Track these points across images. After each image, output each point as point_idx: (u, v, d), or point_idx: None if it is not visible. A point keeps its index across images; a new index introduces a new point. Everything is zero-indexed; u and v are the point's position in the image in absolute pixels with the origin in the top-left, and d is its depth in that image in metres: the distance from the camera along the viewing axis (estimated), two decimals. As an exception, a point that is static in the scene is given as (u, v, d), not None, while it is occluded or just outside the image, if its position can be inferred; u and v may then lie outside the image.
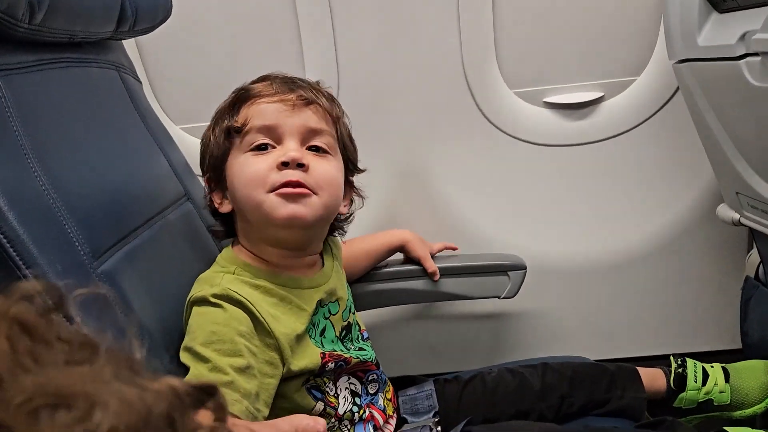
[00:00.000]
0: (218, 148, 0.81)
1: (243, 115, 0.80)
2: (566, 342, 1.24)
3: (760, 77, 0.80)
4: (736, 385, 1.01)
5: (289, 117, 0.79)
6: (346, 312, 0.87)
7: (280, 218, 0.76)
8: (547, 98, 1.20)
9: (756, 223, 0.99)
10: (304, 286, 0.81)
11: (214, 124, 0.83)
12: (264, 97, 0.80)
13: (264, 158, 0.77)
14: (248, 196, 0.77)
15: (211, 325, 0.72)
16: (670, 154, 1.19)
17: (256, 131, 0.78)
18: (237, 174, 0.78)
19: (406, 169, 1.22)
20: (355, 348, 0.86)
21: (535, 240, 1.23)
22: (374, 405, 0.86)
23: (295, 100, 0.79)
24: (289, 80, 0.83)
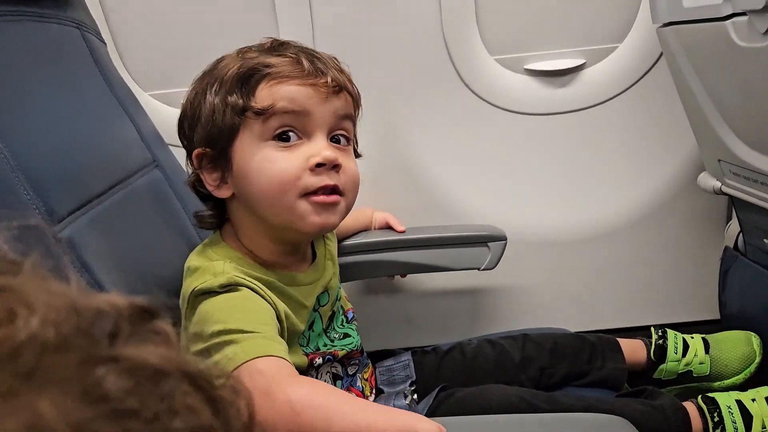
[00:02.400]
0: (224, 123, 0.70)
1: (265, 94, 0.69)
2: (547, 314, 1.23)
3: (746, 37, 0.78)
4: (715, 356, 1.01)
5: (321, 105, 0.70)
6: (335, 301, 0.83)
7: (310, 227, 0.71)
8: (528, 65, 1.18)
9: (737, 190, 0.98)
10: (302, 282, 0.76)
11: (211, 93, 0.71)
12: (293, 79, 0.69)
13: (293, 154, 0.69)
14: (275, 197, 0.69)
15: (230, 304, 0.66)
16: (652, 123, 1.18)
17: (282, 116, 0.69)
18: (258, 167, 0.69)
19: (384, 137, 1.19)
20: (339, 335, 0.83)
21: (514, 210, 1.21)
22: (353, 387, 0.84)
23: (328, 86, 0.70)
24: (315, 58, 0.72)
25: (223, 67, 0.72)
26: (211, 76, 0.73)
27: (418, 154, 1.20)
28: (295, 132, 0.69)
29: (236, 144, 0.70)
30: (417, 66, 1.16)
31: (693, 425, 0.85)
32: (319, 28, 1.14)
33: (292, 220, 0.70)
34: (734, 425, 0.85)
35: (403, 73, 1.17)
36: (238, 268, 0.70)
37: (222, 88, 0.70)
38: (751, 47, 0.77)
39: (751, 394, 0.88)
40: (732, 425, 0.85)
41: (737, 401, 0.87)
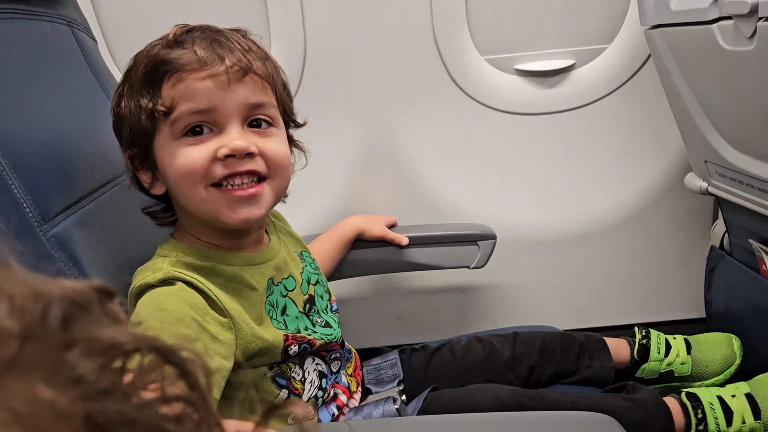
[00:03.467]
0: (140, 126, 0.68)
1: (167, 95, 0.67)
2: (535, 312, 1.24)
3: (732, 41, 0.79)
4: (697, 357, 1.02)
5: (225, 95, 0.67)
6: (304, 285, 0.82)
7: (230, 220, 0.70)
8: (518, 65, 1.18)
9: (723, 191, 0.99)
10: (254, 262, 0.75)
11: (127, 95, 0.70)
12: (190, 72, 0.66)
13: (202, 147, 0.67)
14: (186, 191, 0.69)
15: (159, 304, 0.65)
16: (640, 124, 1.19)
17: (187, 116, 0.67)
18: (170, 164, 0.68)
19: (375, 135, 1.20)
20: (322, 322, 0.82)
21: (504, 209, 1.22)
22: (338, 383, 0.84)
23: (228, 73, 0.67)
24: (214, 40, 0.69)
25: (134, 65, 0.70)
26: (126, 76, 0.71)
27: (409, 153, 1.21)
28: (206, 125, 0.68)
29: (155, 143, 0.69)
30: (408, 66, 1.17)
31: (675, 420, 0.86)
32: (311, 29, 1.14)
33: (210, 213, 0.69)
34: (716, 421, 0.86)
35: (395, 73, 1.17)
36: (180, 262, 0.70)
37: (133, 89, 0.69)
38: (737, 51, 0.78)
39: (731, 390, 0.89)
40: (714, 421, 0.86)
41: (718, 397, 0.88)
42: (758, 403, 0.87)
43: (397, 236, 1.06)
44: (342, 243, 1.06)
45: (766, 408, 0.86)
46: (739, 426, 0.86)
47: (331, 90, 1.18)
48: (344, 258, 1.07)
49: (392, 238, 1.06)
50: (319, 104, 1.18)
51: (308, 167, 1.21)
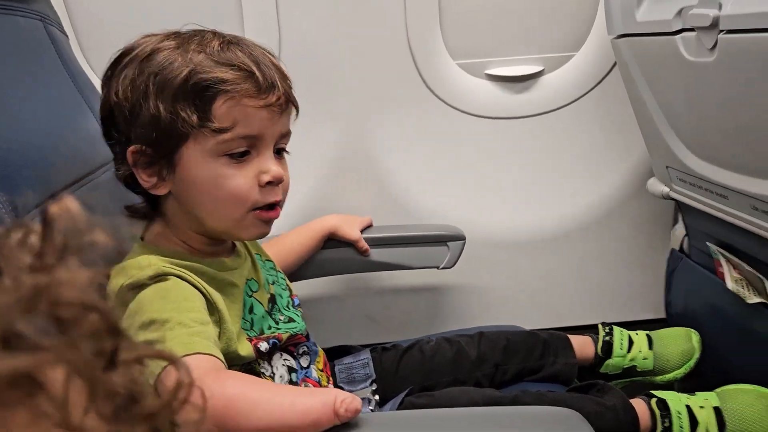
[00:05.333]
0: (172, 130, 0.68)
1: (223, 114, 0.68)
2: (502, 312, 1.27)
3: (694, 52, 0.82)
4: (658, 351, 1.05)
5: (272, 125, 0.71)
6: (266, 285, 0.84)
7: (249, 236, 0.75)
8: (489, 70, 1.21)
9: (683, 195, 1.03)
10: (230, 267, 0.78)
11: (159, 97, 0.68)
12: (249, 98, 0.69)
13: (244, 171, 0.70)
14: (226, 211, 0.71)
15: (160, 295, 0.66)
16: (605, 130, 1.23)
17: (238, 139, 0.69)
18: (212, 182, 0.70)
19: (347, 137, 1.21)
20: (285, 319, 0.84)
21: (474, 212, 1.24)
22: (309, 378, 0.85)
23: (280, 104, 0.71)
24: (264, 67, 0.71)
25: (166, 65, 0.69)
26: (150, 72, 0.69)
27: (381, 155, 1.22)
28: (249, 149, 0.71)
29: (183, 151, 0.69)
30: (382, 70, 1.19)
31: (642, 425, 0.88)
32: (286, 33, 1.14)
33: (234, 229, 0.73)
34: (681, 429, 0.88)
35: (369, 77, 1.19)
36: (164, 259, 0.71)
37: (168, 93, 0.68)
38: (699, 62, 0.82)
39: (700, 400, 0.91)
40: (679, 429, 0.88)
41: (687, 407, 0.91)
42: (724, 417, 0.89)
43: (365, 246, 1.06)
44: (314, 238, 1.06)
45: (731, 422, 0.89)
46: None
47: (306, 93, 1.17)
48: (316, 257, 1.07)
49: (361, 246, 1.06)
50: (293, 105, 1.18)
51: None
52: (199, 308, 0.67)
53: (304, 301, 0.96)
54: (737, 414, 0.90)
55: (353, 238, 1.06)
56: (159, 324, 0.63)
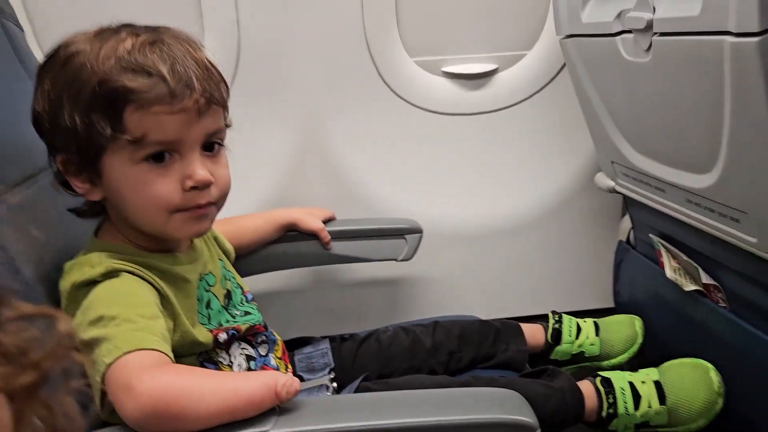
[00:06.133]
0: (89, 140, 0.67)
1: (134, 124, 0.66)
2: (458, 302, 1.30)
3: (632, 53, 0.87)
4: (604, 338, 1.10)
5: (191, 128, 0.68)
6: (223, 281, 0.85)
7: (182, 235, 0.74)
8: (445, 68, 1.24)
9: (628, 189, 1.08)
10: (183, 262, 0.78)
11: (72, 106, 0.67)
12: (162, 106, 0.66)
13: (167, 176, 0.69)
14: (148, 216, 0.71)
15: (110, 291, 0.67)
16: (556, 126, 1.27)
17: (153, 145, 0.67)
18: (133, 188, 0.69)
19: (305, 132, 1.23)
20: (241, 313, 0.85)
21: (430, 205, 1.27)
22: (268, 366, 0.87)
23: (198, 106, 0.68)
24: (180, 68, 0.68)
25: (77, 75, 0.67)
26: (63, 81, 0.68)
27: (339, 149, 1.25)
28: (168, 153, 0.69)
29: (105, 159, 0.69)
30: (340, 66, 1.21)
31: (590, 403, 0.93)
32: (245, 27, 1.16)
33: (164, 231, 0.72)
34: (625, 405, 0.94)
35: (327, 72, 1.21)
36: (115, 255, 0.71)
37: (81, 104, 0.67)
38: (636, 62, 0.86)
39: (642, 376, 0.97)
40: (623, 405, 0.94)
41: (630, 383, 0.96)
42: (664, 389, 0.95)
43: (327, 237, 1.07)
44: (272, 226, 1.06)
45: (670, 393, 0.94)
46: (645, 410, 0.94)
47: (264, 88, 1.20)
48: (276, 251, 1.09)
49: (323, 236, 1.07)
50: (252, 102, 1.20)
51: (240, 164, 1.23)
52: (149, 303, 0.68)
53: (263, 295, 0.98)
54: (675, 385, 0.95)
55: (316, 228, 1.06)
56: (107, 320, 0.63)
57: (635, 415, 0.94)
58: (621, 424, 0.95)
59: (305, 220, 1.07)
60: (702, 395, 0.94)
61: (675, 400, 0.94)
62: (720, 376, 0.94)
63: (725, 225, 0.82)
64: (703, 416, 0.94)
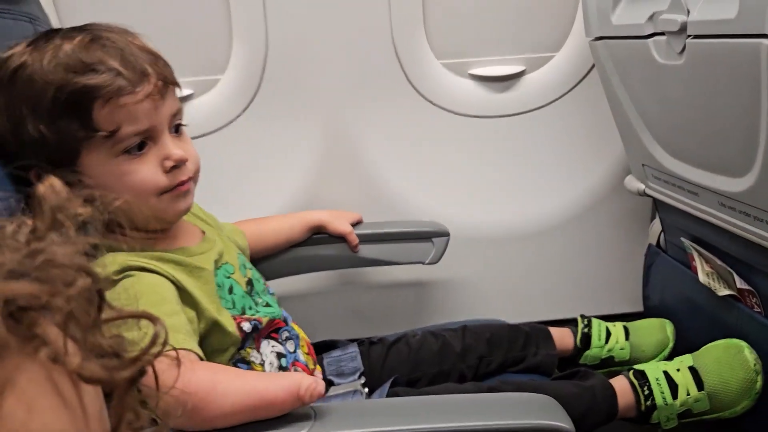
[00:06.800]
0: (61, 146, 0.68)
1: (105, 118, 0.68)
2: (485, 306, 1.30)
3: (665, 55, 0.86)
4: (634, 342, 1.09)
5: (159, 112, 0.72)
6: (242, 268, 0.87)
7: (171, 216, 0.77)
8: (472, 70, 1.24)
9: (659, 192, 1.07)
10: (194, 253, 0.80)
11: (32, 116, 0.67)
12: (125, 95, 0.68)
13: (144, 162, 0.72)
14: (138, 201, 0.72)
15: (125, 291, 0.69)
16: (584, 128, 1.26)
17: (130, 137, 0.70)
18: (117, 181, 0.71)
19: (333, 135, 1.23)
20: (263, 302, 0.87)
21: (457, 208, 1.27)
22: (298, 362, 0.88)
23: (159, 90, 0.71)
24: (130, 57, 0.70)
25: (30, 87, 0.68)
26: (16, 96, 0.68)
27: (366, 153, 1.25)
28: (143, 141, 0.72)
29: (82, 161, 0.70)
30: (367, 68, 1.21)
31: (625, 399, 0.92)
32: (273, 30, 1.17)
33: (157, 215, 0.75)
34: (662, 395, 0.92)
35: (354, 76, 1.21)
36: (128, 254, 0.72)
37: (43, 114, 0.67)
38: (669, 64, 0.85)
39: (676, 364, 0.95)
40: (660, 395, 0.92)
41: (664, 372, 0.94)
42: (700, 374, 0.93)
43: (356, 240, 1.08)
44: (299, 228, 1.07)
45: (708, 379, 0.92)
46: (684, 398, 0.92)
47: (291, 90, 1.21)
48: (303, 253, 1.09)
49: (352, 239, 1.07)
50: (279, 104, 1.21)
51: (267, 165, 1.25)
52: (168, 299, 0.70)
53: (289, 297, 0.99)
54: (711, 368, 0.93)
55: (344, 231, 1.07)
56: None
57: (675, 404, 0.92)
58: (662, 415, 0.93)
59: (334, 222, 1.08)
60: (739, 375, 0.91)
61: (713, 383, 0.92)
62: (756, 354, 0.91)
63: (761, 229, 0.80)
64: (744, 397, 0.91)
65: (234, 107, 1.20)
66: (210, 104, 1.18)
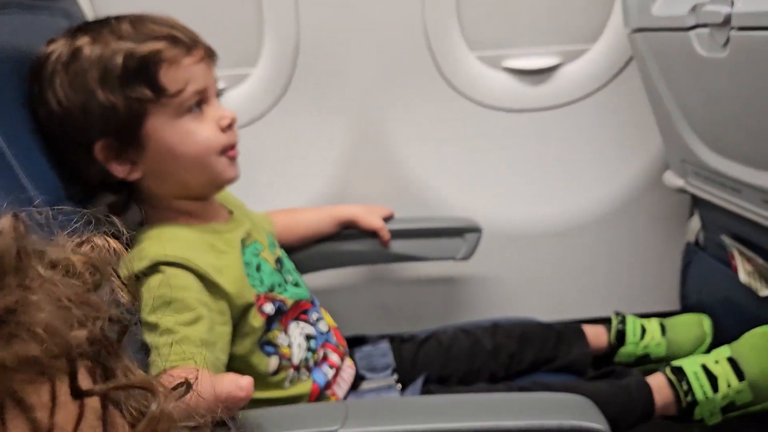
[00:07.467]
0: (129, 113, 0.74)
1: (172, 79, 0.75)
2: (518, 304, 1.28)
3: (707, 48, 0.83)
4: (671, 338, 1.06)
5: (209, 74, 0.80)
6: (271, 247, 0.90)
7: (228, 180, 0.82)
8: (507, 62, 1.22)
9: (698, 189, 1.04)
10: (223, 231, 0.83)
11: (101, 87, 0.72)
12: (185, 58, 0.76)
13: (205, 121, 0.78)
14: (202, 161, 0.78)
15: (152, 292, 0.71)
16: (622, 122, 1.23)
17: (192, 95, 0.77)
18: (182, 140, 0.76)
19: (364, 128, 1.23)
20: (293, 281, 0.89)
21: (489, 203, 1.25)
22: (329, 343, 0.88)
23: (210, 55, 0.80)
24: (180, 28, 0.79)
25: (97, 59, 0.73)
26: (83, 70, 0.73)
27: (397, 146, 1.24)
28: (202, 100, 0.79)
29: (147, 126, 0.75)
30: (399, 61, 1.20)
31: (663, 396, 0.89)
32: (305, 23, 1.16)
33: (213, 178, 0.81)
34: (702, 389, 0.89)
35: (386, 68, 1.20)
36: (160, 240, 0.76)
37: (113, 82, 0.73)
38: (711, 57, 0.82)
39: (714, 356, 0.92)
40: (700, 390, 0.89)
41: (702, 365, 0.91)
42: (740, 364, 0.90)
43: (388, 236, 1.07)
44: (330, 221, 1.07)
45: (747, 368, 0.89)
46: (725, 390, 0.89)
47: (323, 84, 1.21)
48: (333, 248, 1.09)
49: (384, 235, 1.07)
50: (311, 98, 1.21)
51: (298, 159, 1.25)
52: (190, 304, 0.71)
53: (319, 291, 0.99)
54: (749, 357, 0.90)
55: (377, 226, 1.06)
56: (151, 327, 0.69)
57: (716, 397, 0.89)
58: (704, 410, 0.90)
59: (366, 217, 1.07)
60: None
61: (753, 373, 0.89)
62: None
63: (808, 228, 0.78)
64: None
65: (265, 101, 1.20)
66: (241, 98, 1.19)
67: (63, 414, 0.25)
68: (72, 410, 0.25)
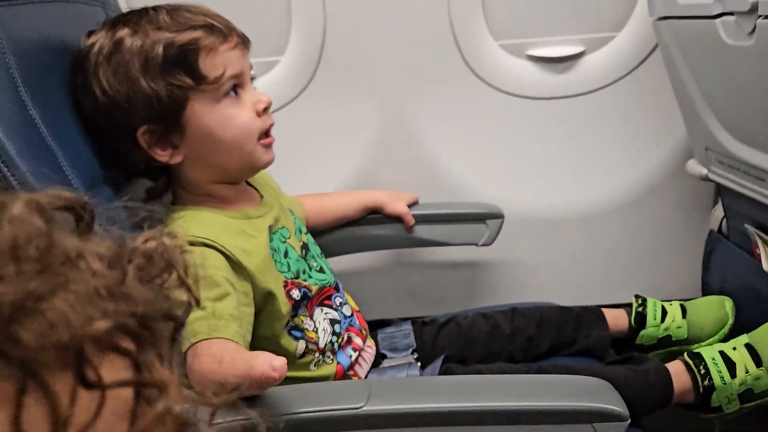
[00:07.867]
0: (171, 99, 0.76)
1: (210, 66, 0.78)
2: (538, 289, 1.29)
3: (734, 36, 0.83)
4: (692, 320, 1.05)
5: (244, 60, 0.82)
6: (297, 233, 0.92)
7: (264, 164, 0.85)
8: (530, 51, 1.22)
9: (722, 177, 1.04)
10: (253, 216, 0.86)
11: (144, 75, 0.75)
12: (221, 45, 0.79)
13: (243, 106, 0.81)
14: (241, 146, 0.81)
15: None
16: (645, 111, 1.23)
17: (229, 80, 0.79)
18: (221, 124, 0.79)
19: (389, 117, 1.24)
20: (317, 267, 0.91)
21: (512, 190, 1.26)
22: (353, 327, 0.91)
23: (243, 42, 0.82)
24: (215, 17, 0.81)
25: (139, 49, 0.76)
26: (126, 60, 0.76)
27: (421, 133, 1.26)
28: (237, 87, 0.81)
29: (188, 111, 0.78)
30: (424, 49, 1.21)
31: (681, 381, 0.90)
32: (331, 13, 1.18)
33: (250, 162, 0.83)
34: (720, 375, 0.90)
35: (411, 56, 1.21)
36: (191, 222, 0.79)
37: (155, 71, 0.76)
38: (738, 45, 0.82)
39: (732, 343, 0.93)
40: (718, 375, 0.89)
41: (720, 352, 0.92)
42: (758, 350, 0.90)
43: (412, 221, 1.10)
44: (357, 206, 1.09)
45: (765, 353, 0.89)
46: (743, 376, 0.89)
47: (349, 72, 1.22)
48: (358, 233, 1.11)
49: (408, 220, 1.09)
50: (337, 86, 1.22)
51: (324, 146, 1.27)
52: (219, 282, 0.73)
53: (344, 275, 1.02)
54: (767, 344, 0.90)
55: (402, 211, 1.09)
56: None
57: (733, 384, 0.89)
58: (722, 397, 0.90)
59: (391, 203, 1.09)
60: None
61: None
62: None
63: (831, 217, 0.78)
64: None
65: (292, 88, 1.23)
66: (269, 85, 1.21)
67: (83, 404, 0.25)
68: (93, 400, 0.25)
